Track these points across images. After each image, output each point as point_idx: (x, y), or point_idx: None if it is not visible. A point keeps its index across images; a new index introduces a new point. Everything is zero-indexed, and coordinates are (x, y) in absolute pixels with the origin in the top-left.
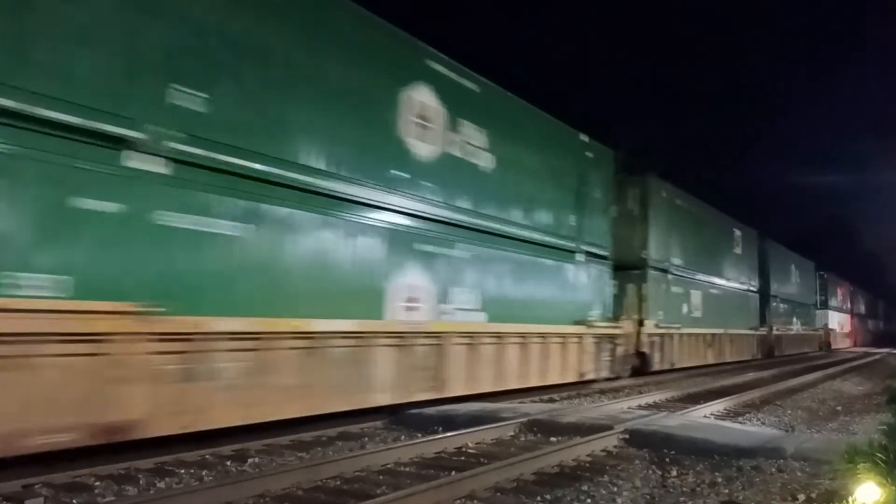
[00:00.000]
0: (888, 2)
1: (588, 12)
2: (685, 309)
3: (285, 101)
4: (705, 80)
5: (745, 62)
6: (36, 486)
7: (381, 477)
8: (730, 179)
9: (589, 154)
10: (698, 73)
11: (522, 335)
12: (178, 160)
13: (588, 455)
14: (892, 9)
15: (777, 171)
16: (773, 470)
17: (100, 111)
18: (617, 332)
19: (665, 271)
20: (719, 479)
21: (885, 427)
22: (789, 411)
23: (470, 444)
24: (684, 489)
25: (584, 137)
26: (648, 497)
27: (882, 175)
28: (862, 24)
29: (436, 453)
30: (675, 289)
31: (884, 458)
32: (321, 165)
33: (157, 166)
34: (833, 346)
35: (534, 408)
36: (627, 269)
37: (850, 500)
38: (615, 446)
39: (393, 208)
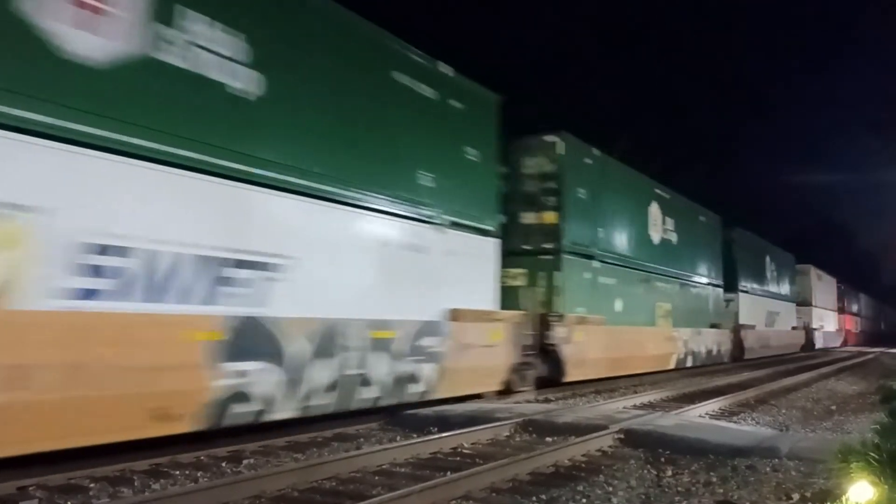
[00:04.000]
0: (884, 0)
1: (579, 9)
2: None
3: None
4: (698, 77)
5: (740, 60)
6: (30, 488)
7: (376, 478)
8: (722, 178)
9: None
10: (691, 71)
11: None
12: None
13: (583, 455)
14: (887, 8)
15: (769, 169)
16: (768, 469)
17: None
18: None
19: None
20: (714, 479)
21: (878, 426)
22: (784, 411)
23: (465, 445)
24: (679, 489)
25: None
26: (644, 497)
27: (877, 173)
28: (857, 23)
29: (431, 454)
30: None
31: (877, 457)
32: None
33: None
34: (818, 346)
35: (529, 408)
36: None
37: (843, 499)
38: (610, 446)
39: None
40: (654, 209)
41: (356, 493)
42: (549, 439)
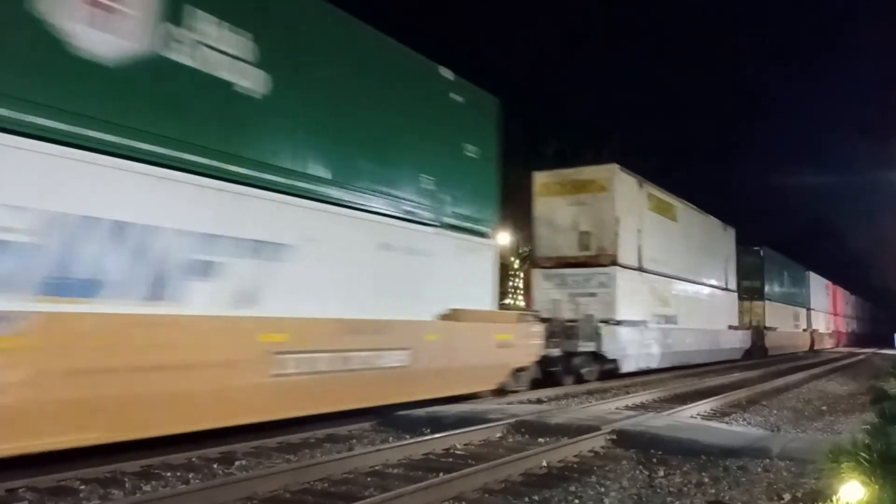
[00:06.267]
0: (875, 2)
1: (578, 7)
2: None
3: None
4: (694, 80)
5: (735, 63)
6: (20, 490)
7: (369, 479)
8: (717, 180)
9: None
10: (686, 74)
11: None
12: None
13: (576, 456)
14: (880, 11)
15: (763, 171)
16: (759, 470)
17: None
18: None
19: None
20: (706, 479)
21: (868, 427)
22: (775, 411)
23: (458, 446)
24: (671, 489)
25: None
26: (636, 497)
27: (869, 175)
28: (850, 26)
29: (424, 455)
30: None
31: (867, 457)
32: None
33: None
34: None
35: (521, 409)
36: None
37: (834, 499)
38: (603, 447)
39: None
40: None
41: (348, 494)
42: (541, 440)
